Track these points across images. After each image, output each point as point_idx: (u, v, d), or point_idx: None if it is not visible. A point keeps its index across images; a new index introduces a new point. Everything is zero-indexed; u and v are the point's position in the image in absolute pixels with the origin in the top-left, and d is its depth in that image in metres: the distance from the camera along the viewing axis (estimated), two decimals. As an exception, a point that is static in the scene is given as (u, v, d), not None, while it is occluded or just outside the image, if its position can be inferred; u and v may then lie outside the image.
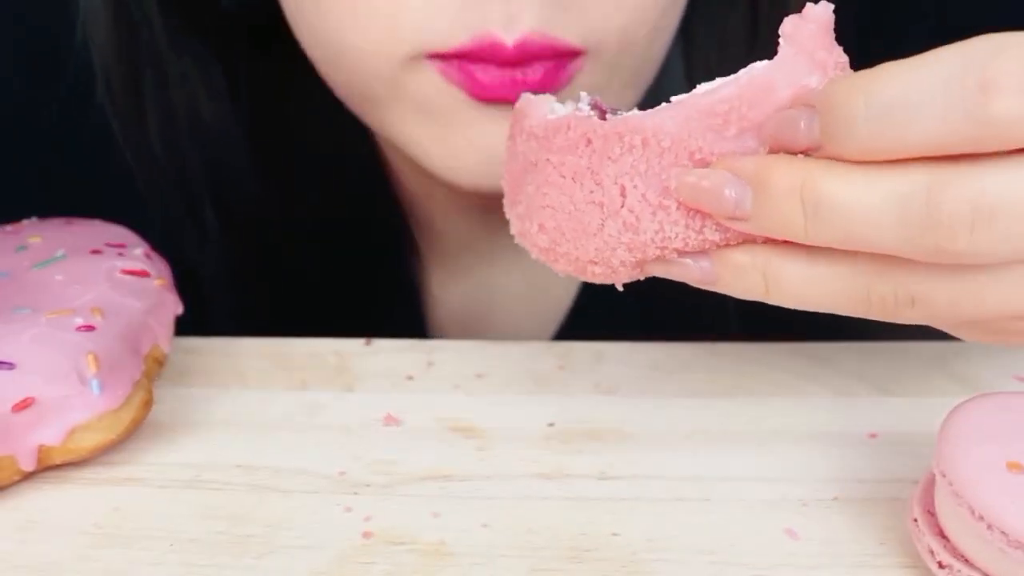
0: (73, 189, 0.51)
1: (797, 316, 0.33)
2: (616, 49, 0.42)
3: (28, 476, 0.37)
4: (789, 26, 0.30)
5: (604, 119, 0.32)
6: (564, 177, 0.32)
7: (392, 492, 0.37)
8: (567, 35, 0.40)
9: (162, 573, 0.34)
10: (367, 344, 0.46)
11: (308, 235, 0.56)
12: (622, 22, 0.42)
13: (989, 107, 0.26)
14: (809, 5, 0.30)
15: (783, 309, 0.32)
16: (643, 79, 0.46)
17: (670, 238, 0.31)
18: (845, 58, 0.31)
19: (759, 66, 0.30)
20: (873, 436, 0.40)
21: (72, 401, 0.37)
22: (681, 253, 0.32)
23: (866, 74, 0.27)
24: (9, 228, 0.45)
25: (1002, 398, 0.33)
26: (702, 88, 0.31)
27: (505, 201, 0.36)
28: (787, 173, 0.29)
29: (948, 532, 0.32)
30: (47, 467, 0.37)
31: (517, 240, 0.35)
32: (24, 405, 0.36)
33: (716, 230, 0.31)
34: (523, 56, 0.40)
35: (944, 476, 0.31)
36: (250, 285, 0.54)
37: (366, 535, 0.35)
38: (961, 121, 0.26)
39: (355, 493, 0.37)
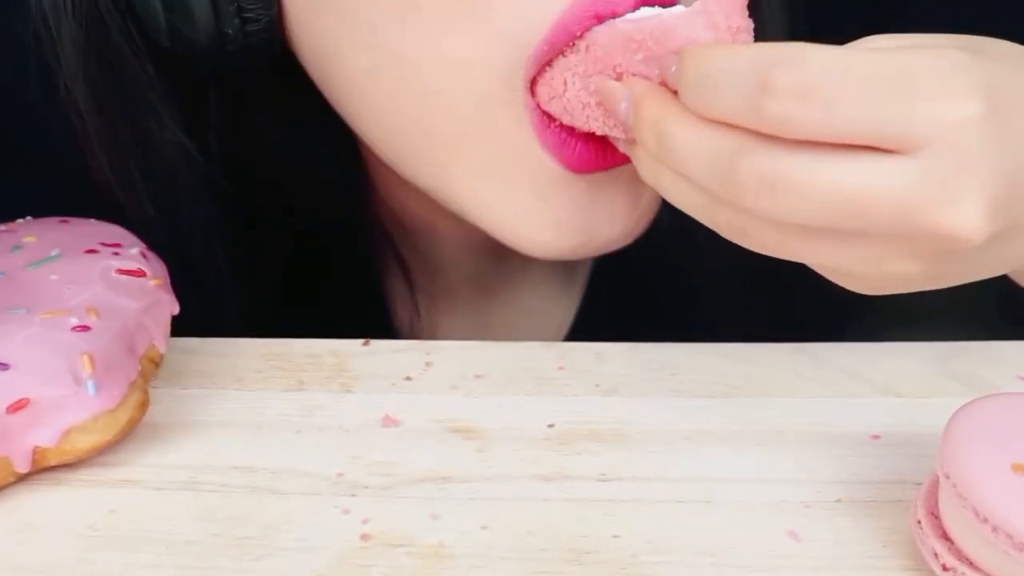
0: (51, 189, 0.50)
1: (802, 321, 0.35)
2: None
3: (23, 478, 0.37)
4: None
5: None
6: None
7: (391, 494, 0.37)
8: None
9: (158, 575, 0.33)
10: (365, 344, 0.46)
11: (284, 268, 0.55)
12: None
13: (764, 103, 0.31)
14: None
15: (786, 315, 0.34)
16: None
17: (593, 127, 0.39)
18: (743, 23, 0.36)
19: (674, 11, 0.37)
20: (876, 437, 0.40)
21: (67, 402, 0.36)
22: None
23: (708, 47, 0.34)
24: (3, 227, 0.44)
25: (1006, 399, 0.33)
26: (636, 14, 0.37)
27: None
28: (650, 106, 0.35)
29: (952, 534, 0.32)
30: (42, 468, 0.37)
31: None
32: (19, 406, 0.35)
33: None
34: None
35: (948, 478, 0.31)
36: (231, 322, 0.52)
37: (364, 537, 0.35)
38: (745, 110, 0.32)
39: (353, 495, 0.37)
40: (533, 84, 0.40)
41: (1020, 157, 0.32)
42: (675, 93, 0.35)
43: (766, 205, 0.32)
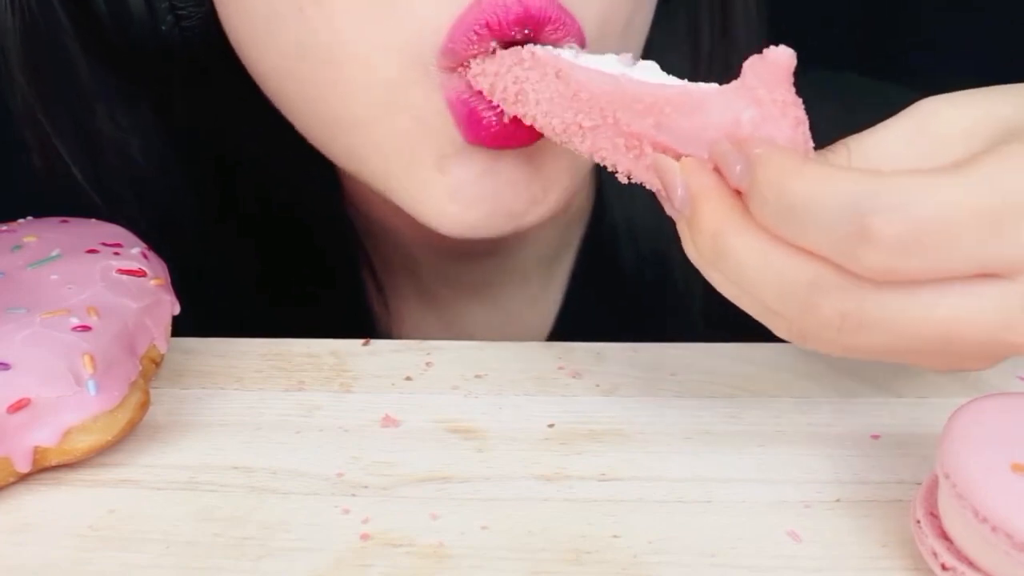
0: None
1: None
2: (597, 36, 0.41)
3: (23, 478, 0.37)
4: (747, 61, 0.32)
5: None
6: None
7: (390, 494, 0.37)
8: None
9: (158, 575, 0.33)
10: (365, 345, 0.46)
11: (255, 264, 0.55)
12: (600, 9, 0.41)
13: (862, 253, 0.28)
14: (772, 47, 0.31)
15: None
16: None
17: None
18: (791, 99, 0.32)
19: (703, 85, 0.33)
20: (876, 437, 0.40)
21: (68, 402, 0.36)
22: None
23: (792, 166, 0.30)
24: (4, 227, 0.44)
25: (1006, 399, 0.33)
26: (642, 71, 0.35)
27: None
28: (712, 212, 0.31)
29: (951, 534, 0.32)
30: (42, 468, 0.37)
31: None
32: (19, 406, 0.35)
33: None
34: (527, 12, 0.39)
35: (947, 477, 0.31)
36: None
37: (364, 537, 0.35)
38: (839, 253, 0.29)
39: (353, 495, 0.37)
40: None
41: None
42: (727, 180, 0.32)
43: (849, 341, 0.30)
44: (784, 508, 0.36)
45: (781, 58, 0.31)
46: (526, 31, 0.39)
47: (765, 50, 0.31)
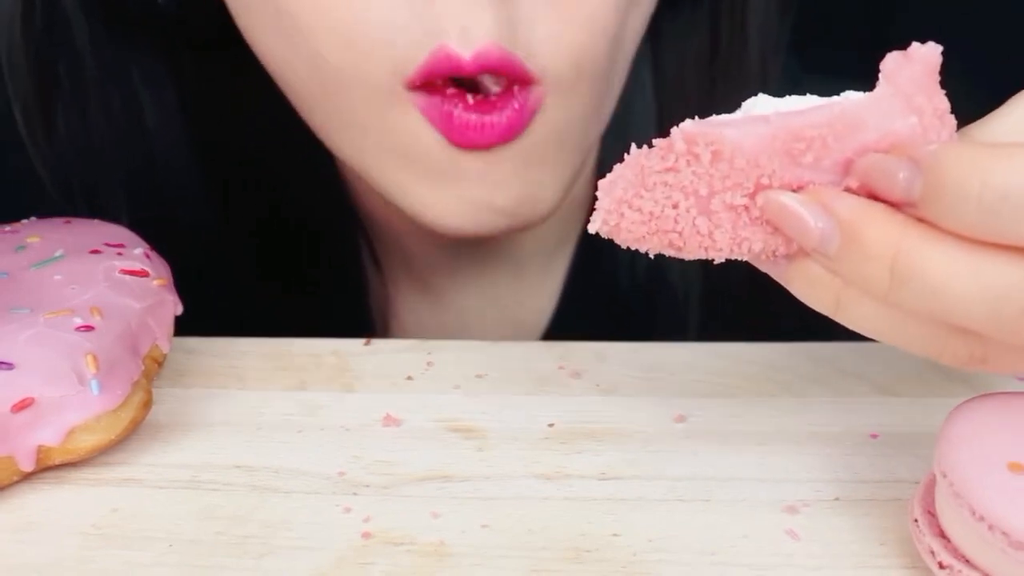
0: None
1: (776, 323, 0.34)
2: (574, 76, 0.42)
3: (27, 476, 0.37)
4: (891, 63, 0.28)
5: None
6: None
7: (391, 492, 0.37)
8: (522, 58, 0.41)
9: (161, 574, 0.34)
10: (366, 344, 0.46)
11: (254, 254, 0.56)
12: (573, 39, 0.42)
13: None
14: (915, 44, 0.28)
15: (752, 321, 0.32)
16: (606, 109, 0.47)
17: (722, 248, 0.30)
18: (946, 104, 0.28)
19: (853, 98, 0.29)
20: (874, 436, 0.40)
21: (71, 401, 0.37)
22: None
23: (987, 153, 0.26)
24: (7, 228, 0.45)
25: (1003, 398, 0.33)
26: (786, 105, 0.29)
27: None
28: (883, 234, 0.27)
29: (949, 533, 0.32)
30: (46, 467, 0.37)
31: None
32: (23, 405, 0.36)
33: (781, 244, 0.30)
34: (481, 68, 0.40)
35: (945, 476, 0.31)
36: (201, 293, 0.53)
37: (365, 536, 0.35)
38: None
39: (354, 493, 0.37)
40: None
41: None
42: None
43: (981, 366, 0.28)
44: (783, 507, 0.36)
45: (930, 57, 0.28)
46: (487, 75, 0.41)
47: (910, 49, 0.28)
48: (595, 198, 0.31)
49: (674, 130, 0.29)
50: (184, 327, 0.44)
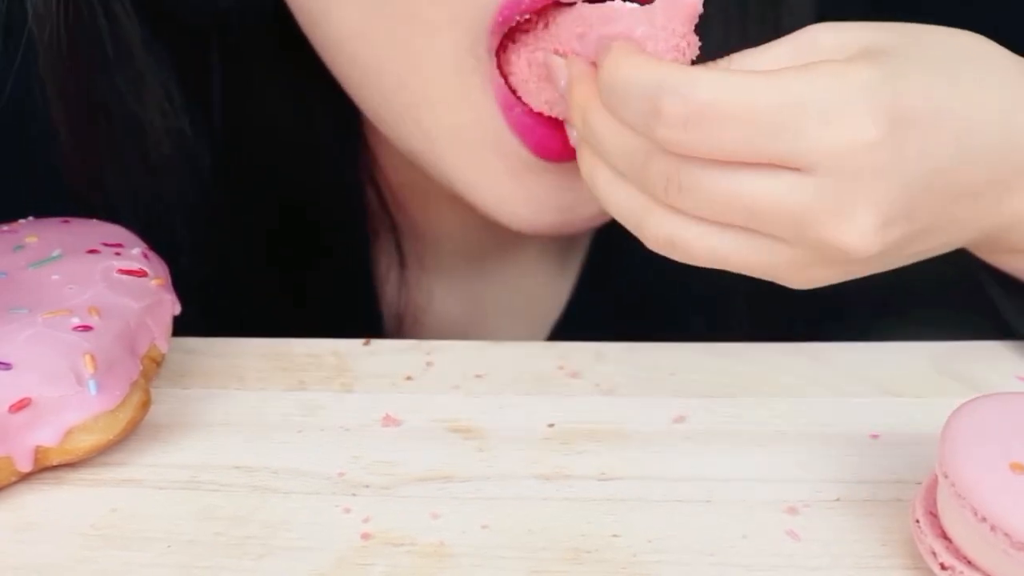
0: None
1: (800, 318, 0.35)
2: None
3: (25, 477, 0.37)
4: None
5: None
6: None
7: (391, 493, 0.37)
8: None
9: (160, 574, 0.33)
10: (366, 344, 0.46)
11: (266, 253, 0.55)
12: None
13: (655, 128, 0.33)
14: None
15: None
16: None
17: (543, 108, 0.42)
18: (682, 30, 0.38)
19: (628, 3, 0.39)
20: (875, 437, 0.40)
21: (69, 401, 0.36)
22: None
23: (619, 57, 0.35)
24: (5, 227, 0.44)
25: (1005, 399, 0.33)
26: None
27: None
28: (580, 91, 0.37)
29: (950, 533, 0.32)
30: (44, 468, 0.37)
31: None
32: (21, 405, 0.36)
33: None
34: None
35: (946, 477, 0.31)
36: (213, 295, 0.52)
37: (365, 536, 0.35)
38: (642, 127, 0.34)
39: (354, 494, 0.37)
40: (500, 59, 0.42)
41: (921, 168, 0.34)
42: None
43: (674, 201, 0.34)
44: (784, 507, 0.36)
45: (690, 2, 0.38)
46: None
47: None
48: None
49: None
50: (187, 327, 0.44)
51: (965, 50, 0.36)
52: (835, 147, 0.32)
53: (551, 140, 0.43)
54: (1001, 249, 0.40)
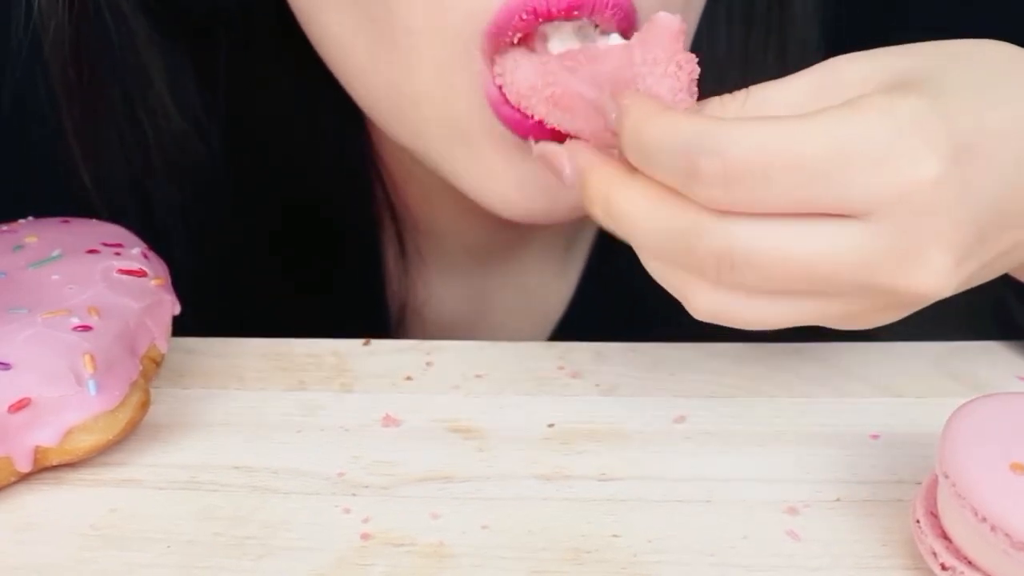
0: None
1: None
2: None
3: (24, 477, 0.37)
4: (643, 26, 0.37)
5: None
6: None
7: (391, 493, 0.37)
8: None
9: (159, 574, 0.33)
10: (366, 344, 0.46)
11: (281, 241, 0.56)
12: None
13: (694, 189, 0.31)
14: (661, 14, 0.37)
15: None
16: None
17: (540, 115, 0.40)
18: (681, 58, 0.36)
19: (607, 46, 0.38)
20: (875, 437, 0.40)
21: (69, 401, 0.36)
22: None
23: (645, 115, 0.33)
24: (5, 227, 0.44)
25: (1005, 399, 0.33)
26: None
27: None
28: (598, 181, 0.34)
29: (951, 534, 0.32)
30: (43, 468, 0.37)
31: None
32: (20, 406, 0.36)
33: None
34: (582, 5, 0.39)
35: (947, 477, 0.31)
36: (213, 292, 0.52)
37: (365, 536, 0.35)
38: (681, 187, 0.32)
39: (354, 494, 0.37)
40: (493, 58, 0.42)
41: (987, 196, 0.32)
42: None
43: (729, 280, 0.32)
44: (784, 508, 0.36)
45: (670, 23, 0.36)
46: (575, 14, 0.40)
47: (655, 16, 0.37)
48: None
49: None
50: (187, 327, 0.44)
51: (998, 62, 0.34)
52: (894, 188, 0.30)
53: (542, 132, 0.42)
54: None
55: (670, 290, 0.34)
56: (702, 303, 0.33)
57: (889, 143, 0.30)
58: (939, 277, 0.31)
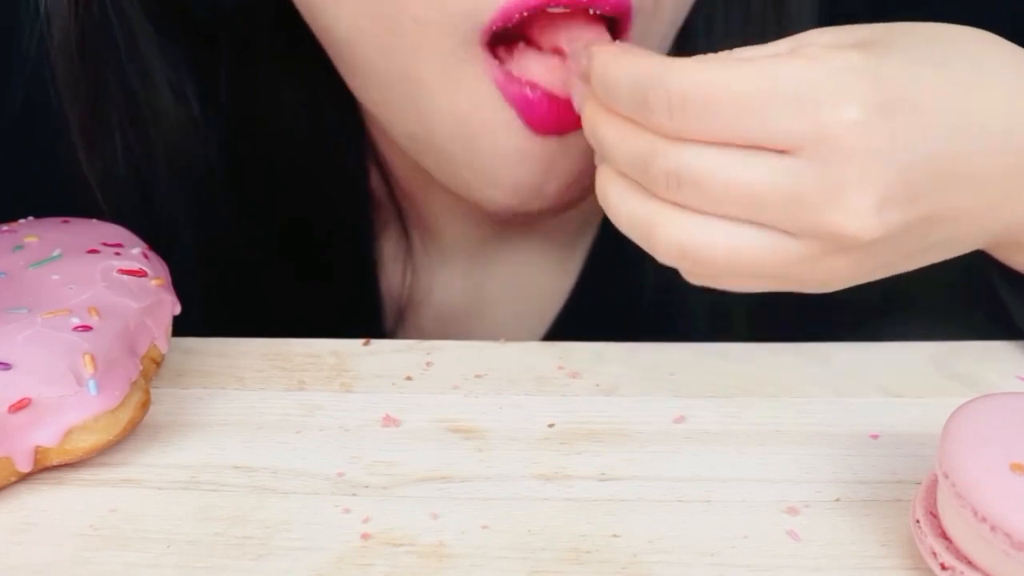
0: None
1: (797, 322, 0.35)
2: (651, 9, 0.44)
3: (24, 477, 0.37)
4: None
5: None
6: None
7: (391, 493, 0.37)
8: None
9: (159, 575, 0.33)
10: (365, 344, 0.46)
11: (281, 237, 0.56)
12: None
13: (646, 116, 0.35)
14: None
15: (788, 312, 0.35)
16: (666, 46, 0.48)
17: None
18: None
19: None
20: (875, 437, 0.40)
21: (69, 401, 0.36)
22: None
23: (608, 58, 0.36)
24: (5, 227, 0.44)
25: (1005, 399, 0.33)
26: None
27: None
28: (589, 112, 0.38)
29: (951, 533, 0.32)
30: (43, 468, 0.37)
31: None
32: (20, 406, 0.36)
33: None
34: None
35: (947, 477, 0.31)
36: (213, 292, 0.53)
37: (365, 536, 0.35)
38: (637, 116, 0.35)
39: (353, 494, 0.37)
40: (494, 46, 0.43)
41: (916, 152, 0.33)
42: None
43: (676, 196, 0.35)
44: (784, 507, 0.36)
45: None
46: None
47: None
48: None
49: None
50: (189, 327, 0.44)
51: (961, 42, 0.36)
52: (814, 128, 0.33)
53: (550, 115, 0.43)
54: (1021, 248, 0.39)
55: (637, 235, 0.37)
56: (663, 236, 0.35)
57: (814, 85, 0.33)
58: (858, 217, 0.33)
